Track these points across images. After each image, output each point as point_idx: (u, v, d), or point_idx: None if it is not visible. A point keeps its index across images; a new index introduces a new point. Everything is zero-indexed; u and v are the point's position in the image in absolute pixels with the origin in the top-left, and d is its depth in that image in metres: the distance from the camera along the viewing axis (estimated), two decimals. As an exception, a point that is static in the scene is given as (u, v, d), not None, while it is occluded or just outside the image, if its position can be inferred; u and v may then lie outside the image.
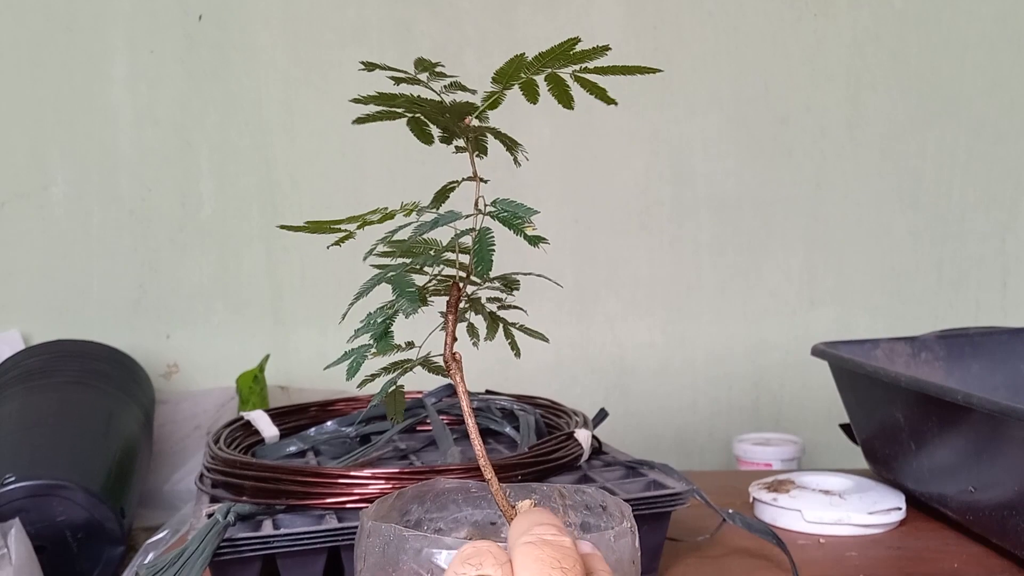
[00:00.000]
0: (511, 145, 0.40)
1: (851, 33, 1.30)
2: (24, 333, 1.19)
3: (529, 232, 0.36)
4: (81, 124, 1.21)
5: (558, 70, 0.37)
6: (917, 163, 1.33)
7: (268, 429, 0.77)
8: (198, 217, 1.24)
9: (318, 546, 0.58)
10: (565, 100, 0.39)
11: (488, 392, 0.87)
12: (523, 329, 0.44)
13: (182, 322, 1.24)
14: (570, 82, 0.38)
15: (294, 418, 0.81)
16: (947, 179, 1.33)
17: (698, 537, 0.75)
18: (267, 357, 1.15)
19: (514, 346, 0.44)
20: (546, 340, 0.42)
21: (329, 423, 0.81)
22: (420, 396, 0.86)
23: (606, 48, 0.36)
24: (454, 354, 0.40)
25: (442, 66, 0.37)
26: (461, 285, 0.40)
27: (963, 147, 1.33)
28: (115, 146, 1.22)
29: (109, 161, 1.22)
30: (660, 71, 0.38)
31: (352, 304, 0.39)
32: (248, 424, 0.78)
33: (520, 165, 0.41)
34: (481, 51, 1.25)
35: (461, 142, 0.40)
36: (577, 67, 0.37)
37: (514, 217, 0.37)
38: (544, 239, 0.36)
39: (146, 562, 0.67)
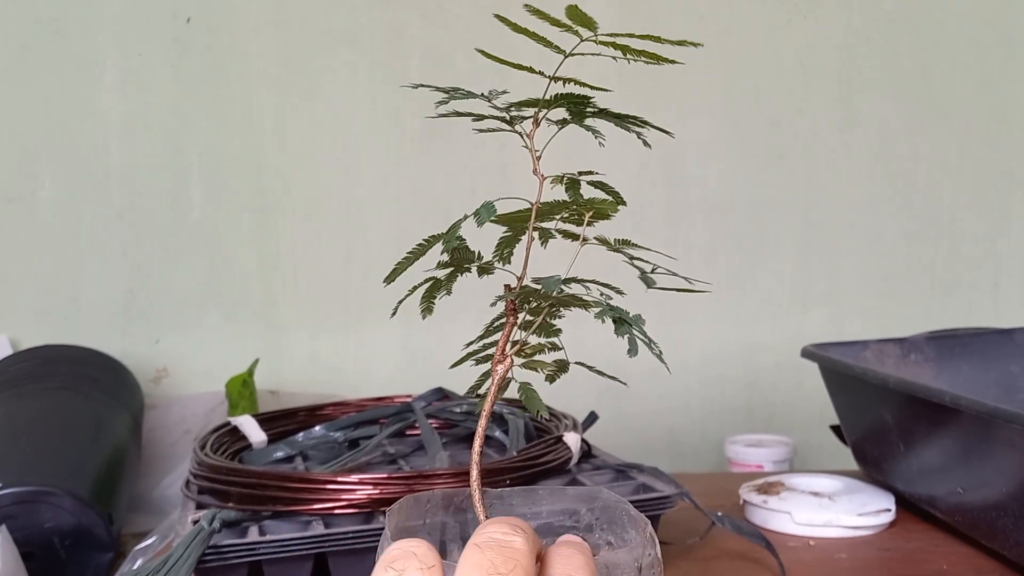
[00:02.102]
0: (634, 126, 0.40)
1: (842, 36, 1.30)
2: (12, 338, 1.18)
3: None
4: (70, 129, 1.20)
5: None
6: (909, 165, 1.33)
7: (255, 434, 0.77)
8: (188, 221, 1.23)
9: (304, 553, 0.58)
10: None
11: (478, 395, 0.87)
12: (595, 369, 0.43)
13: (172, 326, 1.23)
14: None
15: (282, 423, 0.81)
16: (938, 181, 1.33)
17: (688, 540, 0.75)
18: (256, 362, 1.15)
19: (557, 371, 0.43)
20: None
21: (317, 428, 0.80)
22: (409, 400, 0.86)
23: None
24: (505, 355, 0.40)
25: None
26: (512, 286, 0.40)
27: (954, 149, 1.33)
28: (105, 150, 1.21)
29: (99, 165, 1.21)
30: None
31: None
32: (235, 429, 0.77)
33: (650, 147, 0.41)
34: (472, 55, 1.25)
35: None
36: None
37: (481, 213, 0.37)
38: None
39: (133, 569, 0.67)
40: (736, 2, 1.29)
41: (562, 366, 0.42)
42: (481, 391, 0.42)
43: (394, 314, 0.41)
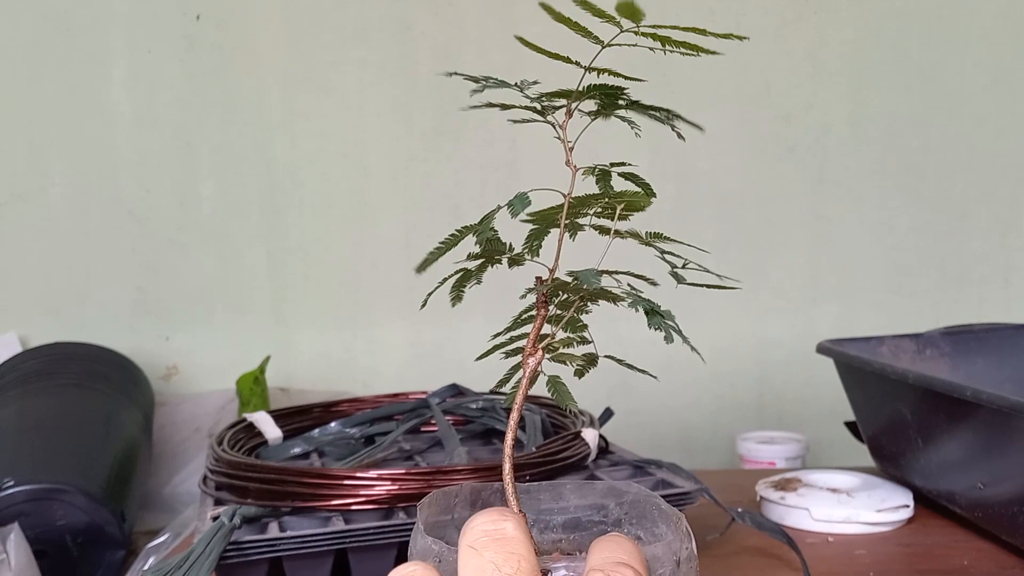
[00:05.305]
0: (666, 118, 0.39)
1: (852, 30, 1.30)
2: (22, 336, 1.18)
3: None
4: (80, 125, 1.20)
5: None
6: (919, 159, 1.32)
7: (271, 431, 0.76)
8: (198, 218, 1.23)
9: (325, 548, 0.58)
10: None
11: (493, 392, 0.87)
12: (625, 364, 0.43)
13: (182, 324, 1.23)
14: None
15: (297, 419, 0.81)
16: (949, 175, 1.32)
17: (707, 536, 0.74)
18: (268, 358, 1.14)
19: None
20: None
21: (333, 424, 0.80)
22: (424, 396, 0.85)
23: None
24: (536, 347, 0.39)
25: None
26: (544, 279, 0.39)
27: (965, 143, 1.32)
28: (114, 147, 1.21)
29: (108, 162, 1.21)
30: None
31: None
32: (251, 426, 0.77)
33: (684, 140, 0.41)
34: (481, 50, 1.25)
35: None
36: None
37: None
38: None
39: (147, 567, 0.67)
40: (746, -4, 1.28)
41: (591, 360, 0.42)
42: (510, 385, 0.41)
43: (424, 306, 0.40)
